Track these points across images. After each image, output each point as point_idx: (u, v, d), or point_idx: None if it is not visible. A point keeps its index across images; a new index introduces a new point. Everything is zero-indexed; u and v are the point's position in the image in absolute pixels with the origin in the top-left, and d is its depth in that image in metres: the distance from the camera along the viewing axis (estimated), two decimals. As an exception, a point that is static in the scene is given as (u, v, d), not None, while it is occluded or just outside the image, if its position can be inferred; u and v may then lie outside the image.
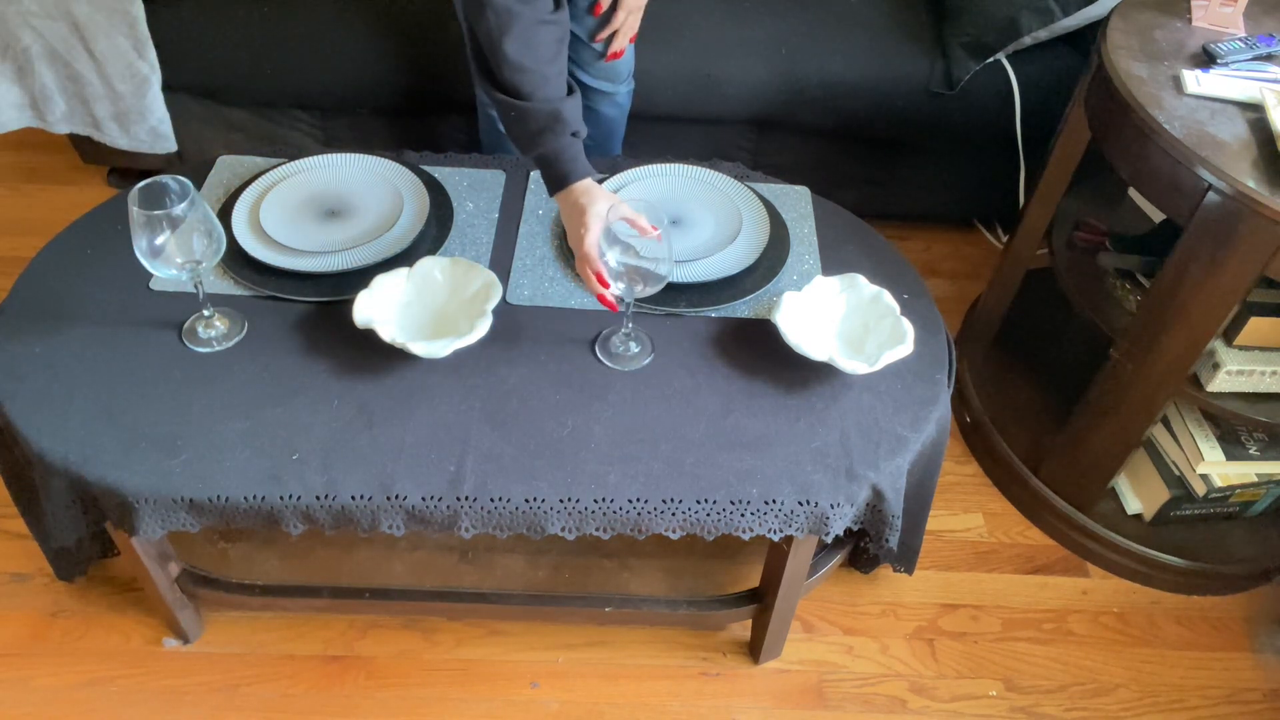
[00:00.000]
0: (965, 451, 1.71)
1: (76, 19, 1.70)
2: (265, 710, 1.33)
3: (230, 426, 1.08)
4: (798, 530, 1.07)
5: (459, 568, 1.36)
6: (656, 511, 1.05)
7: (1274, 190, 1.11)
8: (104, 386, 1.11)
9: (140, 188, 1.03)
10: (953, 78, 1.76)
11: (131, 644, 1.38)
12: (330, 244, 1.26)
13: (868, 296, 1.21)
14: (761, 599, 1.31)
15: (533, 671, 1.38)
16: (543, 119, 1.13)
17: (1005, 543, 1.59)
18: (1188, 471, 1.48)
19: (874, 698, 1.38)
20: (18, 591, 1.43)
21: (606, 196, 1.14)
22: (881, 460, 1.10)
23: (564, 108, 1.13)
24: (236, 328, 1.18)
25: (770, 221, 1.34)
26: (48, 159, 2.15)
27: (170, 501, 1.03)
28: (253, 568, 1.35)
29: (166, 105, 1.81)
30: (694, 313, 1.24)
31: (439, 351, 1.11)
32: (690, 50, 1.76)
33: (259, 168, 1.38)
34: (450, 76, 1.76)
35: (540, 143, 1.14)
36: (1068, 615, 1.50)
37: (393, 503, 1.04)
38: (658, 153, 1.71)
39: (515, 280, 1.27)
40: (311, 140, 1.93)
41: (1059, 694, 1.41)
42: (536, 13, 1.11)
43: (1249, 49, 1.30)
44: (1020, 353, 1.77)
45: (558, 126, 1.13)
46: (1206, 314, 1.23)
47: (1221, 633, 1.49)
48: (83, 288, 1.22)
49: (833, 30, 1.80)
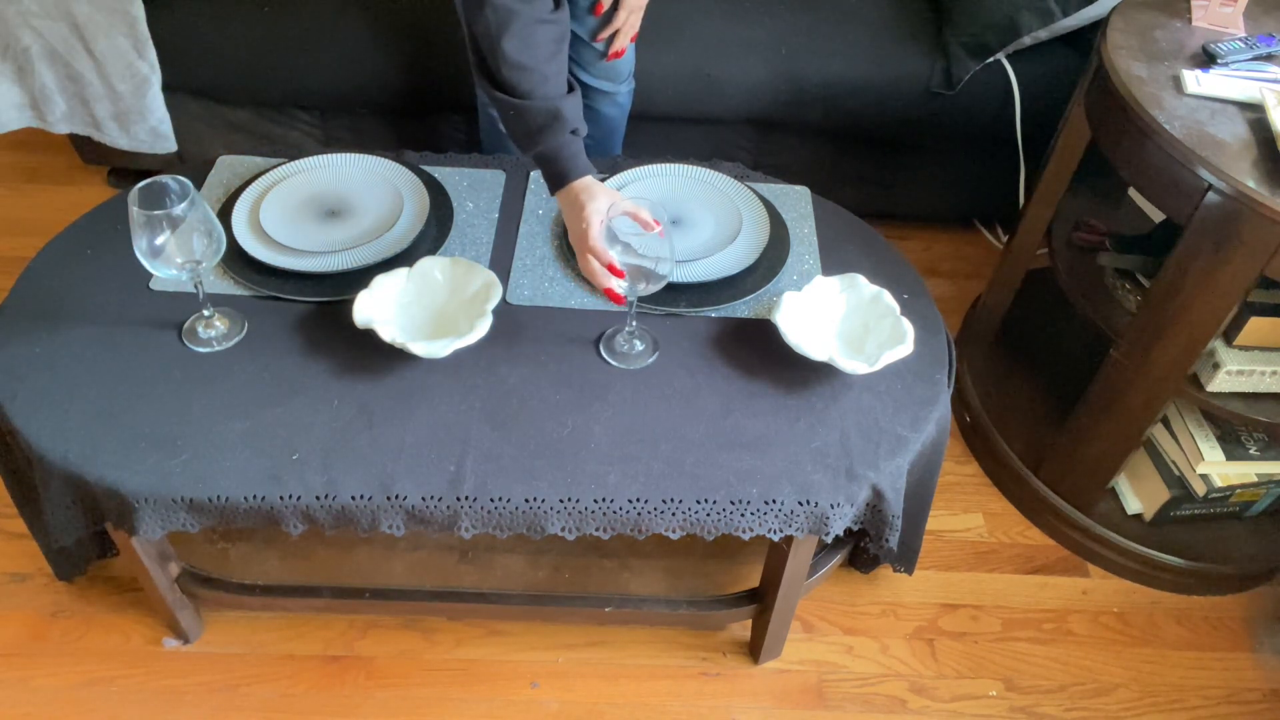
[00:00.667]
0: (965, 451, 1.71)
1: (76, 19, 1.70)
2: (265, 710, 1.33)
3: (230, 426, 1.08)
4: (798, 530, 1.07)
5: (459, 568, 1.36)
6: (656, 511, 1.05)
7: (1274, 190, 1.11)
8: (104, 386, 1.11)
9: (140, 188, 1.03)
10: (953, 78, 1.76)
11: (131, 644, 1.38)
12: (330, 244, 1.26)
13: (868, 296, 1.21)
14: (761, 599, 1.31)
15: (533, 671, 1.38)
16: (542, 117, 1.12)
17: (1005, 543, 1.59)
18: (1188, 471, 1.48)
19: (874, 698, 1.38)
20: (18, 591, 1.43)
21: (607, 193, 1.13)
22: (881, 460, 1.10)
23: (563, 106, 1.13)
24: (236, 328, 1.18)
25: (770, 221, 1.34)
26: (48, 159, 2.15)
27: (170, 501, 1.03)
28: (253, 568, 1.35)
29: (166, 105, 1.81)
30: (694, 313, 1.24)
31: (439, 351, 1.11)
32: (690, 50, 1.76)
33: (259, 168, 1.38)
34: (450, 76, 1.76)
35: (540, 141, 1.14)
36: (1068, 615, 1.50)
37: (393, 503, 1.04)
38: (658, 153, 1.71)
39: (515, 280, 1.27)
40: (311, 140, 1.93)
41: (1059, 694, 1.41)
42: (536, 11, 1.11)
43: (1249, 49, 1.30)
44: (1020, 353, 1.77)
45: (557, 125, 1.13)
46: (1206, 314, 1.23)
47: (1221, 633, 1.49)
48: (83, 288, 1.22)
49: (833, 30, 1.80)
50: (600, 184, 1.15)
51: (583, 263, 1.13)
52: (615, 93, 1.60)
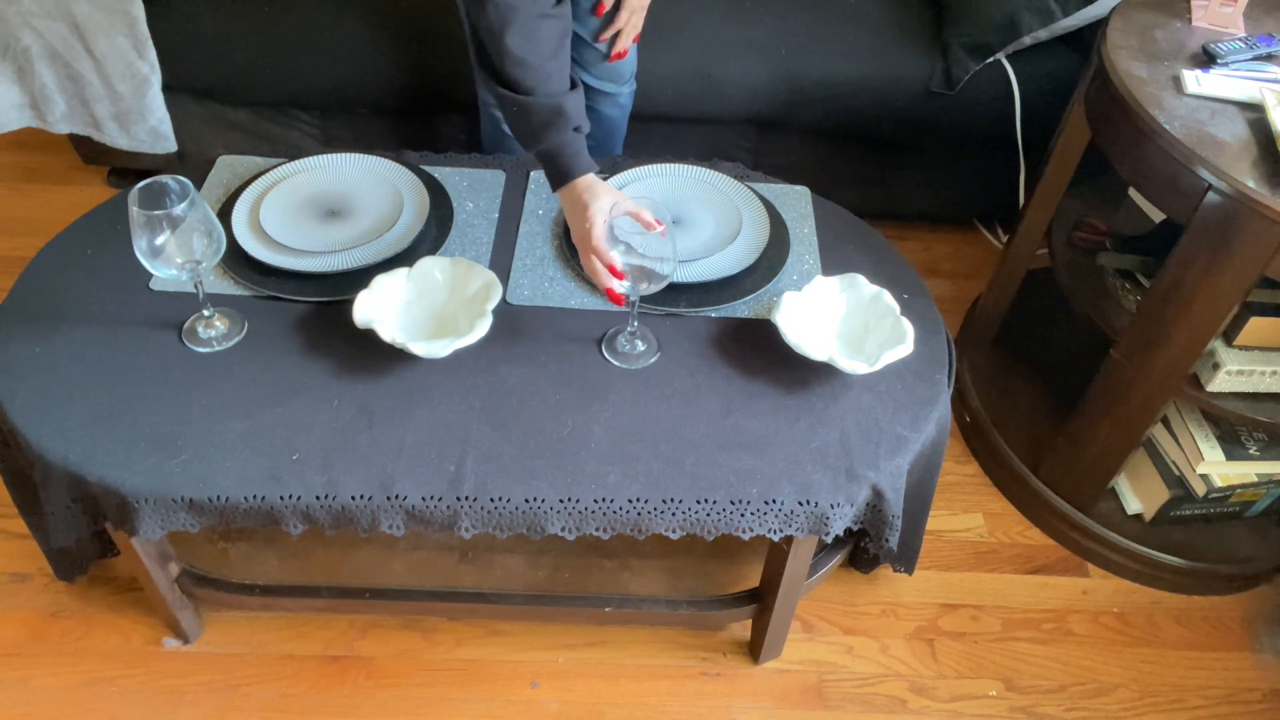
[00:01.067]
0: (965, 451, 1.71)
1: (76, 19, 1.70)
2: (265, 710, 1.33)
3: (230, 426, 1.08)
4: (798, 530, 1.07)
5: (459, 568, 1.36)
6: (656, 511, 1.05)
7: (1274, 190, 1.11)
8: (104, 386, 1.11)
9: (140, 188, 1.03)
10: (953, 78, 1.76)
11: (131, 644, 1.38)
12: (330, 244, 1.26)
13: (868, 296, 1.21)
14: (761, 599, 1.31)
15: (533, 671, 1.38)
16: (545, 114, 1.12)
17: (1005, 543, 1.59)
18: (1188, 471, 1.48)
19: (874, 698, 1.38)
20: (18, 591, 1.43)
21: (610, 192, 1.13)
22: (881, 460, 1.10)
23: (566, 102, 1.13)
24: (236, 328, 1.18)
25: (770, 221, 1.34)
26: (48, 159, 2.15)
27: (170, 501, 1.03)
28: (253, 568, 1.35)
29: (166, 105, 1.81)
30: (694, 313, 1.24)
31: (439, 351, 1.11)
32: (690, 50, 1.76)
33: (259, 168, 1.38)
34: (450, 76, 1.76)
35: (543, 138, 1.13)
36: (1068, 615, 1.50)
37: (393, 503, 1.04)
38: (658, 153, 1.71)
39: (515, 280, 1.27)
40: (311, 140, 1.93)
41: (1059, 694, 1.41)
42: (538, 7, 1.11)
43: (1249, 49, 1.30)
44: (1020, 353, 1.77)
45: (560, 121, 1.13)
46: (1206, 314, 1.23)
47: (1221, 633, 1.49)
48: (83, 288, 1.22)
49: (833, 30, 1.80)
50: (603, 183, 1.15)
51: (585, 262, 1.13)
52: (617, 94, 1.60)
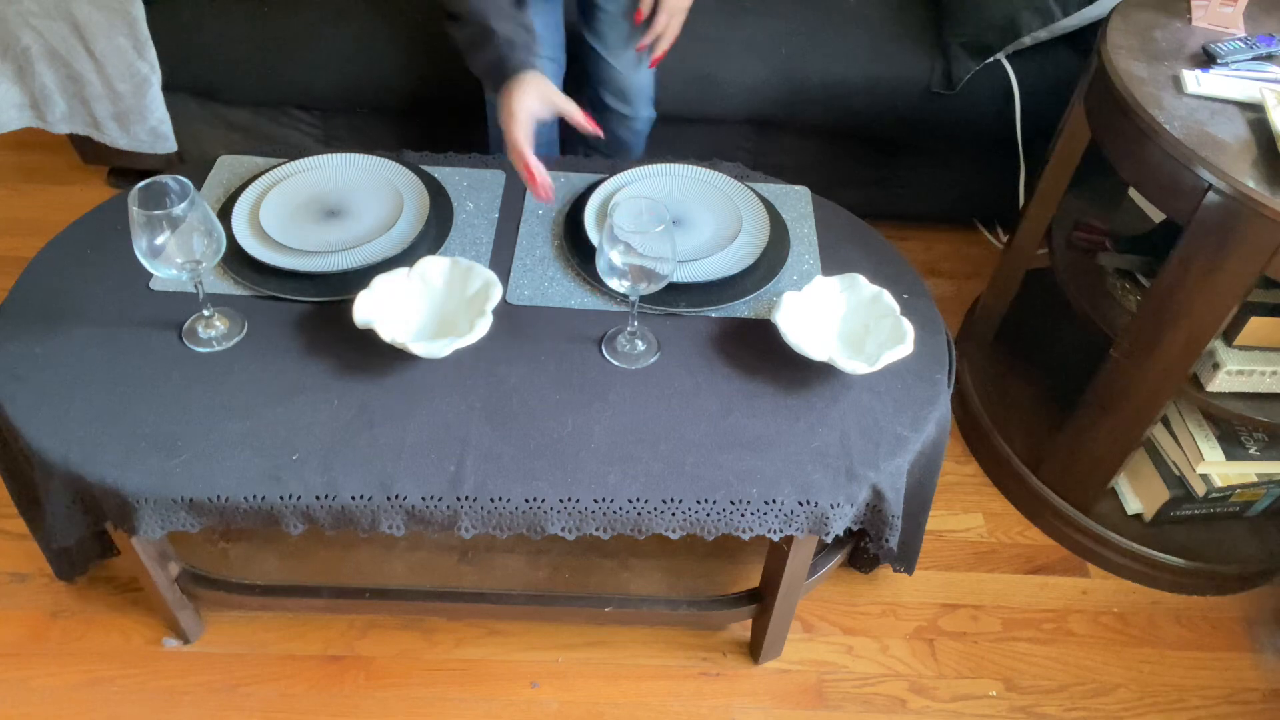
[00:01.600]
0: (965, 451, 1.71)
1: (76, 19, 1.70)
2: (265, 710, 1.33)
3: (230, 426, 1.08)
4: (798, 530, 1.07)
5: (459, 568, 1.36)
6: (656, 511, 1.05)
7: (1274, 190, 1.11)
8: (104, 386, 1.11)
9: (140, 188, 1.03)
10: (953, 78, 1.76)
11: (131, 644, 1.38)
12: (330, 244, 1.26)
13: (868, 296, 1.21)
14: (761, 599, 1.31)
15: (533, 671, 1.38)
16: (474, 34, 1.14)
17: (1005, 543, 1.59)
18: (1188, 471, 1.48)
19: (874, 698, 1.38)
20: (18, 591, 1.43)
21: (536, 86, 1.13)
22: (881, 460, 1.10)
23: (495, 24, 1.14)
24: (236, 328, 1.18)
25: (770, 221, 1.34)
26: (48, 159, 2.15)
27: (170, 501, 1.03)
28: (253, 568, 1.35)
29: (166, 105, 1.81)
30: (694, 313, 1.24)
31: (439, 351, 1.11)
32: (690, 50, 1.76)
33: (259, 168, 1.38)
34: (450, 76, 1.76)
35: (476, 59, 1.16)
36: (1068, 615, 1.50)
37: (393, 503, 1.04)
38: (658, 153, 1.71)
39: (515, 280, 1.27)
40: (311, 140, 1.93)
41: (1059, 694, 1.41)
42: None
43: (1249, 49, 1.30)
44: (1020, 353, 1.77)
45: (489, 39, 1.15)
46: (1206, 314, 1.23)
47: (1221, 633, 1.49)
48: (83, 288, 1.22)
49: (833, 30, 1.80)
50: (540, 79, 1.14)
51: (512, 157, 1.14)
52: (633, 118, 1.59)
